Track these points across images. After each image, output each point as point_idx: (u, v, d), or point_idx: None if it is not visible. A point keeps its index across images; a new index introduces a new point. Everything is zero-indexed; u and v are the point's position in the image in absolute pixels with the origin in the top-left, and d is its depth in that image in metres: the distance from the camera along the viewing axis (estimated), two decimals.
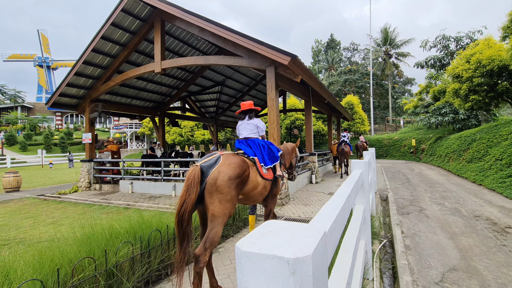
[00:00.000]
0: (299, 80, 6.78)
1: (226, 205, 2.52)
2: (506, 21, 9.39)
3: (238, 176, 2.63)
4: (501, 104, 12.23)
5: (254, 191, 2.93)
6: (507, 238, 4.06)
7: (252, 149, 3.15)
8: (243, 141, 3.31)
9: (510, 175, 7.06)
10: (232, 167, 2.61)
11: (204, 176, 2.50)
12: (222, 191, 2.49)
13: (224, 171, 2.54)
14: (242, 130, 3.43)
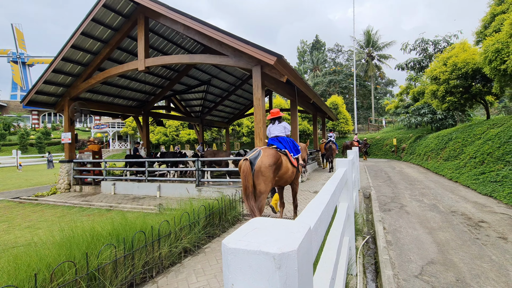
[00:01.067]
0: (285, 80, 6.84)
1: (268, 184, 3.68)
2: (479, 27, 9.92)
3: (274, 163, 3.73)
4: (474, 105, 12.90)
5: (286, 175, 4.10)
6: (480, 232, 4.30)
7: (282, 144, 4.35)
8: (275, 139, 4.49)
9: (483, 172, 7.47)
10: (270, 158, 3.71)
11: (252, 165, 3.62)
12: (264, 174, 3.61)
13: (265, 160, 3.65)
14: (274, 131, 4.61)
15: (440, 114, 15.68)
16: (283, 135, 4.51)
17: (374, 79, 38.24)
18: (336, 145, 12.90)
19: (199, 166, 7.69)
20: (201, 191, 7.60)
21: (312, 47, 52.19)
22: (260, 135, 6.89)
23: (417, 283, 2.86)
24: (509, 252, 3.53)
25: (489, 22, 9.12)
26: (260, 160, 3.63)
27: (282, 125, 4.59)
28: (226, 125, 21.31)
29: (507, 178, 6.46)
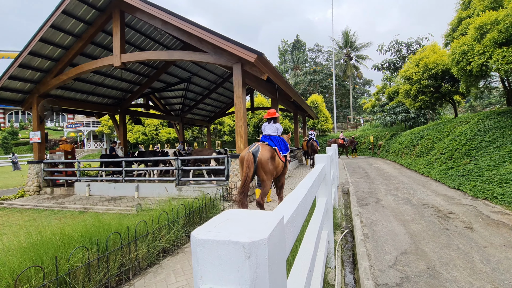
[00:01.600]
0: (265, 78, 6.86)
1: (268, 174, 4.47)
2: (448, 30, 10.52)
3: (272, 157, 4.52)
4: (444, 104, 13.69)
5: (278, 168, 4.78)
6: (449, 223, 4.57)
7: (273, 142, 4.84)
8: (267, 137, 4.97)
9: (451, 167, 7.94)
10: (268, 152, 4.46)
11: (255, 157, 4.30)
12: (265, 165, 4.35)
13: (265, 154, 4.39)
14: (268, 130, 5.11)
15: (413, 112, 16.48)
16: (275, 134, 5.05)
17: (352, 79, 39.42)
18: (317, 142, 13.32)
19: (179, 165, 7.53)
20: (181, 190, 7.45)
21: (293, 47, 52.76)
22: (241, 133, 6.87)
23: (392, 273, 2.98)
24: (474, 241, 3.78)
25: (457, 25, 9.72)
26: (261, 153, 4.36)
27: (275, 125, 5.15)
28: (207, 123, 21.05)
29: (472, 172, 6.92)
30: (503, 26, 6.31)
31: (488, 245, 3.61)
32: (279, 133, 5.13)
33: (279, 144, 4.92)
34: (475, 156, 7.43)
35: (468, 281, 2.77)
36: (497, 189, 5.72)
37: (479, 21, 7.00)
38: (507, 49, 6.36)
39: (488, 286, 2.67)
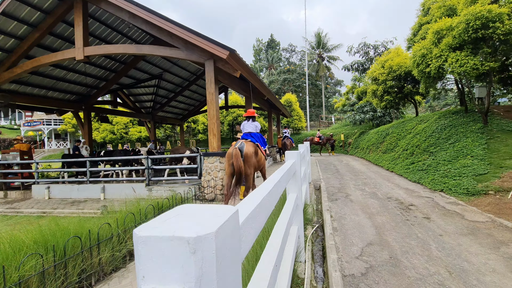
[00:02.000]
0: (238, 75, 6.82)
1: (252, 167, 5.00)
2: (410, 34, 11.23)
3: (255, 152, 5.10)
4: (407, 103, 14.62)
5: (260, 161, 5.34)
6: (409, 214, 4.89)
7: (254, 138, 5.35)
8: (248, 134, 5.43)
9: (412, 162, 8.52)
10: (252, 147, 5.02)
11: (241, 152, 4.80)
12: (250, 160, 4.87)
13: (250, 149, 4.94)
14: (248, 127, 5.55)
15: (379, 112, 17.42)
16: (254, 131, 5.54)
17: (325, 79, 40.69)
18: (292, 140, 13.80)
19: (149, 165, 7.25)
20: (152, 190, 7.18)
21: (267, 46, 53.12)
22: (214, 131, 6.78)
23: (358, 263, 3.12)
24: (431, 230, 4.09)
25: (417, 30, 10.43)
26: (247, 149, 4.90)
27: (254, 123, 5.60)
28: (180, 121, 20.50)
29: (431, 166, 7.47)
30: (456, 32, 6.87)
31: (443, 233, 3.92)
32: (257, 130, 5.59)
33: (259, 140, 5.46)
34: (433, 152, 8.03)
35: (426, 267, 2.98)
36: (451, 182, 6.24)
37: (436, 26, 7.56)
38: (460, 53, 6.94)
39: (442, 270, 2.90)
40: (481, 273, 2.80)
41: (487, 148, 6.73)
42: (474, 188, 5.67)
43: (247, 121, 5.62)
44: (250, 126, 5.53)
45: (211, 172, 6.69)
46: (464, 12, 6.79)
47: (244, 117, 5.86)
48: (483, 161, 6.35)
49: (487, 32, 6.40)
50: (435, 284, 2.64)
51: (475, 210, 4.90)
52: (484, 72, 7.28)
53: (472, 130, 7.70)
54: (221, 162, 6.69)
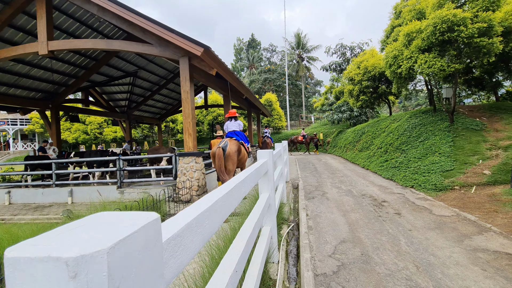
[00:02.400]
0: (214, 73, 6.68)
1: (234, 165, 5.27)
2: (383, 36, 11.62)
3: (238, 150, 5.39)
4: (381, 103, 15.15)
5: (243, 158, 5.64)
6: (382, 210, 5.01)
7: (239, 137, 5.70)
8: (232, 132, 5.80)
9: (386, 160, 8.80)
10: (235, 146, 5.32)
11: (224, 151, 5.06)
12: (232, 158, 5.16)
13: (232, 148, 5.21)
14: (231, 126, 5.91)
15: (356, 111, 17.92)
16: (238, 129, 5.87)
17: (305, 79, 41.30)
18: (272, 139, 13.72)
19: (121, 166, 6.91)
20: (123, 193, 6.85)
21: (248, 45, 53.04)
22: (189, 130, 6.58)
23: (330, 262, 3.12)
24: (401, 225, 4.20)
25: (390, 32, 10.81)
26: (229, 148, 5.17)
27: (237, 122, 5.95)
28: (158, 121, 19.88)
29: (402, 164, 7.76)
30: (425, 34, 7.17)
31: (412, 228, 4.04)
32: (240, 128, 5.95)
33: (243, 138, 5.79)
34: (405, 150, 8.35)
35: (395, 262, 3.04)
36: (421, 178, 6.50)
37: (407, 29, 7.86)
38: (428, 55, 7.25)
39: (410, 265, 2.97)
40: (446, 266, 2.89)
41: (453, 146, 7.09)
42: (441, 184, 5.93)
43: (230, 121, 5.98)
44: (233, 125, 5.91)
45: (186, 173, 6.49)
46: (432, 16, 7.09)
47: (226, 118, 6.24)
48: (450, 158, 6.67)
49: (453, 35, 6.73)
50: (403, 279, 2.68)
51: (442, 205, 5.12)
52: (450, 74, 7.67)
53: (440, 129, 8.09)
54: (197, 162, 6.52)
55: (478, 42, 6.57)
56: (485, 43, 6.53)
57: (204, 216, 0.98)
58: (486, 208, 4.70)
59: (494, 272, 2.73)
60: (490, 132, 7.46)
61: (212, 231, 1.06)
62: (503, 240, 3.47)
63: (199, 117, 26.62)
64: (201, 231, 0.94)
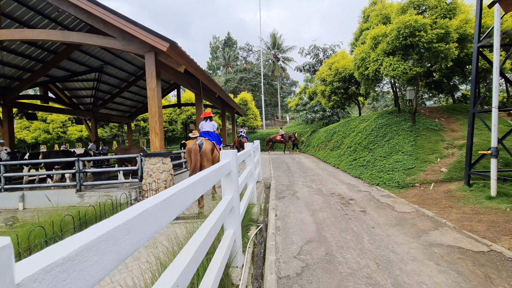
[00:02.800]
0: (182, 70, 6.43)
1: (209, 163, 5.35)
2: (352, 39, 12.00)
3: (212, 149, 5.48)
4: (352, 104, 15.69)
5: (215, 159, 5.61)
6: (349, 208, 5.12)
7: (211, 137, 5.74)
8: (206, 133, 5.81)
9: (355, 159, 9.09)
10: (210, 145, 5.43)
11: (200, 148, 5.24)
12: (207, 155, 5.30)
13: (208, 146, 5.35)
14: (206, 127, 5.91)
15: (328, 111, 18.40)
16: (212, 130, 5.94)
17: (281, 79, 41.77)
18: (247, 138, 13.79)
19: (80, 168, 6.42)
20: (83, 197, 6.37)
21: (224, 44, 52.53)
22: (156, 130, 6.28)
23: (295, 263, 3.09)
24: (366, 223, 4.31)
25: (359, 35, 11.21)
26: (205, 146, 5.35)
27: (212, 123, 6.00)
28: (127, 120, 18.93)
29: (370, 162, 8.04)
30: (390, 38, 7.49)
31: (375, 226, 4.16)
32: (214, 129, 6.00)
33: (215, 139, 5.85)
34: (372, 149, 8.67)
35: (357, 261, 3.08)
36: (386, 176, 6.77)
37: (373, 33, 8.16)
38: (393, 58, 7.58)
39: (371, 263, 3.02)
40: (404, 262, 2.98)
41: (414, 145, 7.48)
42: (404, 181, 6.22)
43: (205, 121, 6.01)
44: (207, 125, 5.95)
45: (153, 174, 6.18)
46: (395, 21, 7.42)
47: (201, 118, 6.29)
48: (411, 157, 7.02)
49: (414, 40, 7.08)
50: (363, 277, 2.71)
51: (403, 202, 5.35)
52: (413, 76, 8.08)
53: (403, 129, 8.51)
54: (164, 163, 6.24)
55: (437, 47, 6.98)
56: (442, 48, 6.95)
57: (122, 231, 0.84)
58: (442, 204, 4.98)
59: (447, 266, 2.86)
60: (447, 132, 7.98)
61: (136, 246, 0.92)
62: (456, 234, 3.68)
63: (172, 116, 25.82)
64: (116, 249, 0.81)
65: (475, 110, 5.58)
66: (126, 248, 0.86)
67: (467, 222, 4.07)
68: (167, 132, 26.40)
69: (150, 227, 1.02)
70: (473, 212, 4.42)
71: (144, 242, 0.97)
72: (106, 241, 0.76)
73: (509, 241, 3.32)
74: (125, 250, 0.85)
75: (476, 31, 5.52)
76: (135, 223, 0.92)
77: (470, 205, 4.75)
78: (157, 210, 1.08)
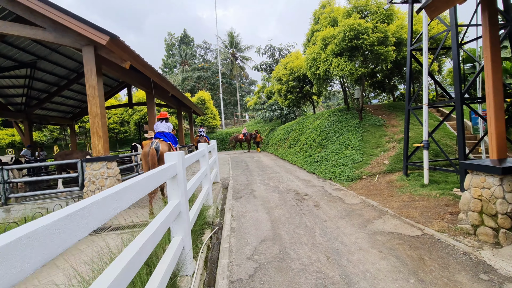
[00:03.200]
0: (128, 66, 5.93)
1: None
2: (305, 40, 12.47)
3: (169, 150, 5.35)
4: (307, 102, 16.33)
5: None
6: (303, 204, 5.27)
7: (167, 138, 5.69)
8: (161, 134, 5.72)
9: (310, 155, 9.45)
10: (166, 146, 5.45)
11: (157, 151, 5.21)
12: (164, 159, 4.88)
13: (165, 148, 5.37)
14: (161, 127, 5.85)
15: (286, 109, 18.91)
16: (167, 131, 5.91)
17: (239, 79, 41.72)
18: (208, 138, 13.63)
19: (4, 178, 5.52)
20: (10, 211, 5.50)
21: (180, 41, 50.67)
22: (98, 132, 5.69)
23: (248, 265, 3.03)
24: (318, 217, 4.46)
25: (310, 36, 11.70)
26: (162, 148, 5.33)
27: (167, 124, 5.99)
28: (70, 121, 17.07)
29: (323, 158, 8.43)
30: (337, 40, 7.92)
31: (327, 219, 4.32)
32: (170, 130, 6.00)
33: (171, 139, 5.87)
34: (325, 145, 9.10)
35: (309, 256, 3.14)
36: (337, 171, 7.14)
37: (323, 34, 8.55)
38: (340, 59, 8.03)
39: (322, 256, 3.11)
40: (351, 253, 3.13)
41: (362, 140, 8.04)
42: (353, 175, 6.63)
43: (160, 122, 6.01)
44: (163, 126, 5.95)
45: (96, 181, 5.60)
46: (342, 23, 7.86)
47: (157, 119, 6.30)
48: (359, 151, 7.53)
49: (359, 42, 7.59)
50: (314, 272, 2.77)
51: (352, 194, 5.69)
52: (359, 76, 8.66)
53: (352, 125, 9.09)
54: (110, 168, 5.70)
55: (378, 49, 7.57)
56: (382, 51, 7.57)
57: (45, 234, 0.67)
58: (385, 194, 5.41)
59: (388, 252, 3.08)
60: (389, 128, 8.75)
61: (55, 251, 0.75)
62: (396, 221, 4.00)
63: (124, 117, 24.03)
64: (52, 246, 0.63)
65: (410, 107, 6.18)
66: (45, 253, 0.67)
67: (405, 209, 4.47)
68: (118, 134, 24.50)
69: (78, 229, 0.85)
70: (410, 200, 4.88)
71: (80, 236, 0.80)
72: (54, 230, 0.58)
73: (438, 224, 3.72)
74: (43, 255, 0.67)
75: (409, 36, 6.11)
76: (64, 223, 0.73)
77: (408, 193, 5.24)
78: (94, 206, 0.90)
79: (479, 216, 3.24)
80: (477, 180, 3.27)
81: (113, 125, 23.89)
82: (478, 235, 3.20)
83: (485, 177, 3.18)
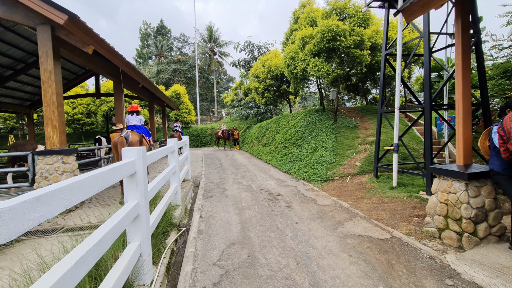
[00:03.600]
0: (90, 51, 5.38)
1: None
2: (284, 38, 12.41)
3: (140, 140, 5.44)
4: (284, 101, 16.35)
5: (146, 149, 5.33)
6: (275, 204, 5.15)
7: (140, 130, 5.70)
8: (133, 126, 5.75)
9: (284, 155, 9.41)
10: (137, 136, 5.40)
11: (127, 140, 5.15)
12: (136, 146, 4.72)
13: (135, 137, 5.31)
14: (132, 120, 5.84)
15: (262, 108, 18.82)
16: (139, 124, 5.90)
17: (217, 74, 40.98)
18: (182, 133, 13.49)
19: None
20: None
21: (156, 32, 48.61)
22: (53, 122, 5.11)
23: (213, 271, 2.82)
24: (290, 218, 4.35)
25: (289, 35, 11.67)
26: (132, 137, 5.20)
27: (139, 117, 5.96)
28: (27, 109, 15.48)
29: (297, 158, 8.41)
30: (315, 40, 7.91)
31: (298, 221, 4.23)
32: (141, 123, 5.98)
33: (144, 131, 5.82)
34: (300, 145, 9.10)
35: (278, 261, 2.99)
36: (310, 171, 7.14)
37: (302, 33, 8.51)
38: (318, 59, 8.04)
39: (291, 261, 2.98)
40: (321, 257, 3.04)
41: (335, 141, 8.14)
42: (326, 175, 6.65)
43: (131, 115, 5.90)
44: (134, 119, 5.88)
45: (49, 176, 5.03)
46: (320, 24, 7.86)
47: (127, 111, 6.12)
48: (333, 152, 7.60)
49: (336, 44, 7.63)
50: (283, 279, 2.62)
51: (324, 195, 5.68)
52: (335, 78, 8.74)
53: (326, 126, 9.19)
54: (66, 162, 5.14)
55: (354, 52, 7.68)
56: (358, 54, 7.69)
57: None
58: (356, 195, 5.47)
59: (357, 256, 3.03)
60: (361, 130, 8.96)
61: None
62: (365, 223, 4.01)
63: (90, 107, 22.45)
64: None
65: (382, 110, 6.32)
66: None
67: (374, 211, 4.51)
68: (84, 126, 22.87)
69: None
70: (379, 202, 4.95)
71: None
72: None
73: (406, 227, 3.77)
74: None
75: (384, 40, 6.23)
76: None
77: (377, 195, 5.33)
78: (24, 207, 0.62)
79: (444, 220, 3.31)
80: (444, 185, 3.35)
81: (78, 115, 22.22)
82: (443, 239, 3.28)
83: (452, 182, 3.26)
